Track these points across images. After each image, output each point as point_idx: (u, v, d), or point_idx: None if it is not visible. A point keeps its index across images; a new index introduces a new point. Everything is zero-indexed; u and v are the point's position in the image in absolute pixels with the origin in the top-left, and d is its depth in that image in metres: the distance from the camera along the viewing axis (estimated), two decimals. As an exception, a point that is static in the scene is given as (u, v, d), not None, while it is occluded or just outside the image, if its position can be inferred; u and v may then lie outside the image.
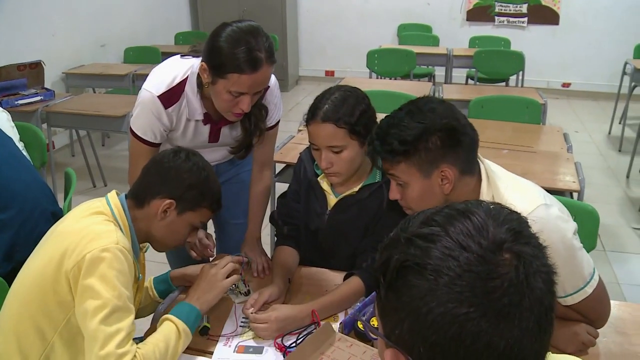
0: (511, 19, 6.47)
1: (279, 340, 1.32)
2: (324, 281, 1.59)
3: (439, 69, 5.63)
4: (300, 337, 1.33)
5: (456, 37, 6.27)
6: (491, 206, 0.67)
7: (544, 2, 6.30)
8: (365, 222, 1.56)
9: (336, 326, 1.35)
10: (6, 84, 3.55)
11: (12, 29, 4.25)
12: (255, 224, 1.79)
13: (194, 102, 1.60)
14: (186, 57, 1.62)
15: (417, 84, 4.69)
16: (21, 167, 1.90)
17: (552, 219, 1.17)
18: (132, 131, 1.63)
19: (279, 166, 2.53)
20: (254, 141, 1.71)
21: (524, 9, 6.39)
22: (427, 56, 5.31)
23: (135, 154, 1.66)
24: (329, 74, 7.18)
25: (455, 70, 5.34)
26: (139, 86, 1.61)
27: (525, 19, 6.43)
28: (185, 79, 1.58)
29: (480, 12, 6.55)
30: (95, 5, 5.17)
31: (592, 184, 3.58)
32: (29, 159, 2.07)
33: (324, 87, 1.56)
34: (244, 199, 1.85)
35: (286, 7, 6.51)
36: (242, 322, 1.41)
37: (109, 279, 1.13)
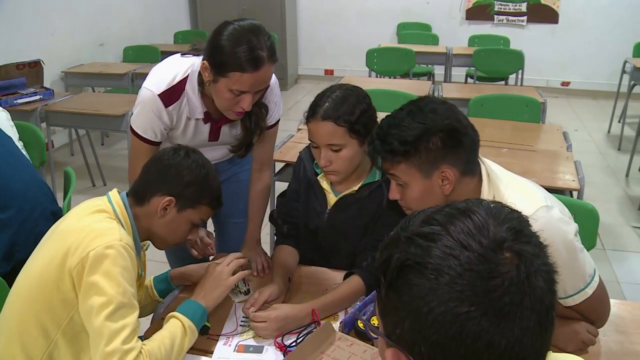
0: (510, 18, 6.47)
1: (279, 339, 1.32)
2: (324, 280, 1.59)
3: (438, 68, 5.63)
4: (300, 336, 1.33)
5: (455, 35, 6.26)
6: (492, 205, 0.66)
7: (543, 1, 6.30)
8: (365, 221, 1.56)
9: (336, 325, 1.35)
10: (5, 83, 3.55)
11: (11, 28, 4.25)
12: (254, 225, 1.78)
13: (194, 101, 1.60)
14: (186, 56, 1.62)
15: (417, 82, 4.69)
16: (21, 166, 1.90)
17: (554, 221, 1.16)
18: (132, 130, 1.63)
19: (279, 165, 2.53)
20: (254, 140, 1.70)
21: (524, 7, 6.38)
22: (426, 55, 5.31)
23: (135, 152, 1.66)
24: (329, 72, 7.18)
25: (454, 69, 5.34)
26: (138, 85, 1.61)
27: (524, 18, 6.42)
28: (185, 78, 1.57)
29: (479, 11, 6.55)
30: (94, 4, 5.16)
31: (592, 183, 3.58)
32: (28, 158, 2.07)
33: (323, 86, 1.56)
34: (244, 198, 1.85)
35: (285, 6, 6.50)
36: (242, 321, 1.41)
37: (113, 276, 1.13)
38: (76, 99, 3.78)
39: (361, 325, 1.31)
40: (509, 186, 1.25)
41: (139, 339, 1.15)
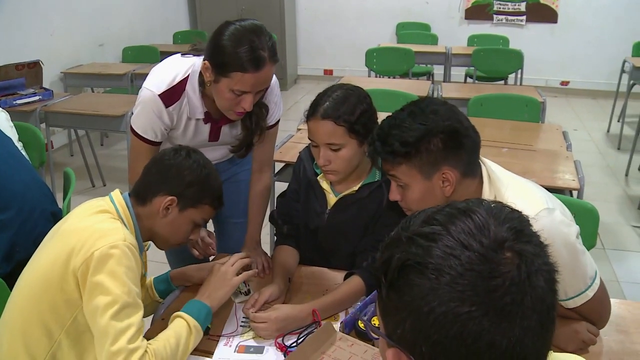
0: (510, 17, 6.47)
1: (280, 340, 1.32)
2: (324, 280, 1.59)
3: (437, 68, 5.63)
4: (301, 336, 1.33)
5: (455, 35, 6.26)
6: (492, 205, 0.67)
7: (542, 1, 6.30)
8: (365, 221, 1.56)
9: (337, 326, 1.35)
10: (4, 83, 3.55)
11: (10, 28, 4.25)
12: (254, 226, 1.78)
13: (194, 101, 1.60)
14: (187, 56, 1.62)
15: (416, 82, 4.69)
16: (20, 167, 1.90)
17: (555, 224, 1.15)
18: (132, 130, 1.63)
19: (278, 165, 2.53)
20: (255, 140, 1.71)
21: (523, 7, 6.39)
22: (425, 55, 5.31)
23: (135, 152, 1.66)
24: (328, 72, 7.18)
25: (454, 68, 5.34)
26: (137, 85, 1.61)
27: (523, 17, 6.43)
28: (186, 78, 1.57)
29: (478, 11, 6.55)
30: (93, 4, 5.16)
31: (591, 182, 3.58)
32: (27, 159, 2.07)
33: (323, 86, 1.56)
34: (244, 198, 1.85)
35: (284, 6, 6.51)
36: (242, 322, 1.41)
37: (118, 276, 1.13)
38: (75, 100, 3.77)
39: (362, 325, 1.31)
40: (510, 188, 1.24)
41: (144, 339, 1.15)
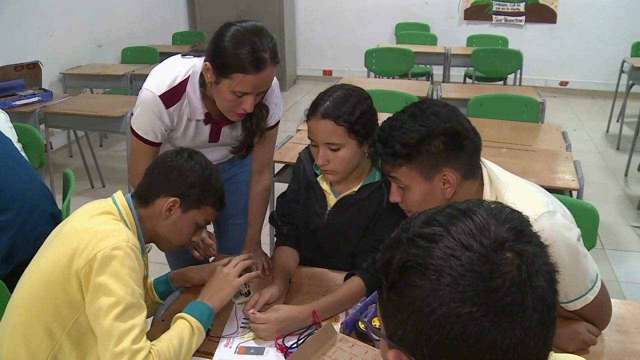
0: (509, 18, 6.48)
1: (280, 341, 1.32)
2: (324, 281, 1.59)
3: (437, 68, 5.64)
4: (301, 337, 1.33)
5: (454, 35, 6.27)
6: (492, 206, 0.67)
7: (541, 1, 6.31)
8: (365, 222, 1.56)
9: (337, 326, 1.35)
10: (4, 84, 3.54)
11: (9, 29, 4.24)
12: (254, 227, 1.78)
13: (195, 102, 1.60)
14: (187, 57, 1.62)
15: (415, 83, 4.69)
16: (20, 167, 1.89)
17: (557, 227, 1.15)
18: (132, 130, 1.63)
19: (278, 166, 2.53)
20: (255, 141, 1.71)
21: (522, 7, 6.39)
22: (425, 55, 5.32)
23: (135, 153, 1.66)
24: (327, 73, 7.18)
25: (453, 69, 5.34)
26: (136, 86, 1.61)
27: (522, 18, 6.43)
28: (186, 79, 1.57)
29: (477, 11, 6.55)
30: (92, 5, 5.16)
31: (591, 183, 3.58)
32: (27, 160, 2.07)
33: (322, 87, 1.56)
34: (244, 199, 1.85)
35: (284, 7, 6.51)
36: (242, 323, 1.40)
37: (121, 277, 1.14)
38: (75, 101, 3.77)
39: (362, 326, 1.31)
40: (511, 190, 1.24)
41: (148, 339, 1.15)
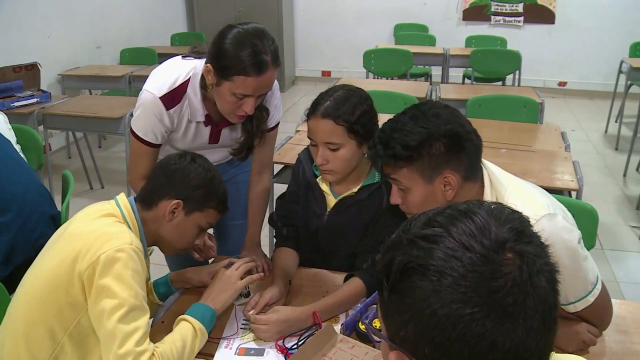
0: (507, 18, 6.49)
1: (280, 342, 1.32)
2: (324, 282, 1.59)
3: (435, 69, 5.64)
4: (301, 338, 1.33)
5: (452, 36, 6.28)
6: (492, 206, 0.67)
7: (539, 1, 6.32)
8: (364, 223, 1.56)
9: (338, 327, 1.35)
10: (2, 86, 3.54)
11: (8, 30, 4.24)
12: (254, 228, 1.78)
13: (195, 104, 1.60)
14: (188, 58, 1.62)
15: (414, 83, 4.69)
16: (19, 169, 1.89)
17: (557, 230, 1.15)
18: (132, 132, 1.63)
19: (277, 167, 2.52)
20: (256, 143, 1.70)
21: (520, 8, 6.40)
22: (423, 56, 5.31)
23: (135, 154, 1.66)
24: (326, 74, 7.18)
25: (451, 69, 5.35)
26: (135, 87, 1.61)
27: (521, 18, 6.44)
28: (187, 81, 1.57)
29: (476, 12, 6.56)
30: (91, 6, 5.16)
31: (589, 183, 3.57)
32: (26, 161, 2.06)
33: (321, 88, 1.56)
34: (243, 200, 1.85)
35: (282, 8, 6.51)
36: (243, 324, 1.40)
37: (125, 279, 1.14)
38: (73, 102, 3.77)
39: (363, 327, 1.31)
40: (510, 191, 1.24)
41: (151, 341, 1.16)
